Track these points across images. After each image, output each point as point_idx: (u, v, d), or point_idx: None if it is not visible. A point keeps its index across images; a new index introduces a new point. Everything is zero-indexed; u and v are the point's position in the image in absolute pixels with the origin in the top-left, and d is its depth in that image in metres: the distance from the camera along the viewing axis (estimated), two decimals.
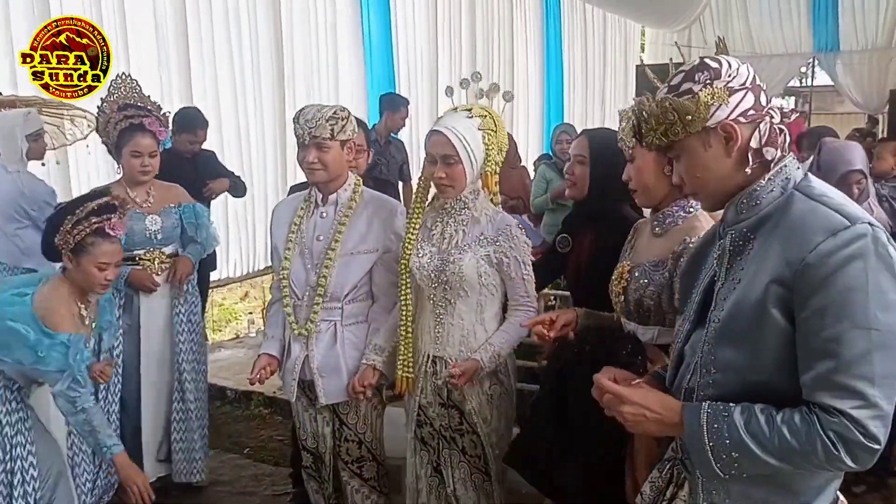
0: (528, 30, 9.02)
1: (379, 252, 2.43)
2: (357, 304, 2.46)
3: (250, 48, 5.75)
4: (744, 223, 1.33)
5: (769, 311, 1.24)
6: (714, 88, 1.28)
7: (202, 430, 3.41)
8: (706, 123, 1.29)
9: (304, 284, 2.44)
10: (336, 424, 2.51)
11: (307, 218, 2.48)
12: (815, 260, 1.20)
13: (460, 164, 2.19)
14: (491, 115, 2.25)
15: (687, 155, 1.35)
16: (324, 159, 2.35)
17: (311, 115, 2.33)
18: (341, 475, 2.54)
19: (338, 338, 2.43)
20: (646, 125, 1.35)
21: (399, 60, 7.08)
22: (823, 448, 1.19)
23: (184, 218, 3.30)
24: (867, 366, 1.18)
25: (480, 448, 2.33)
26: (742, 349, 1.28)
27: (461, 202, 2.27)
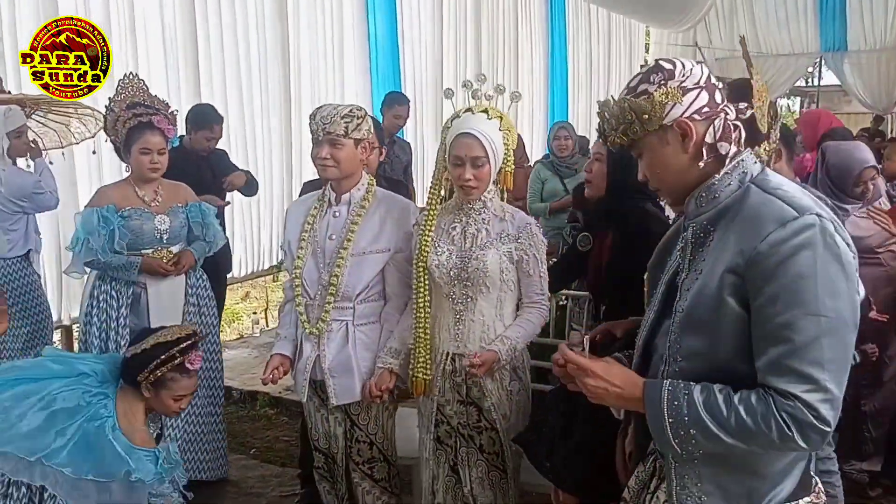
0: (533, 31, 9.01)
1: (391, 252, 2.43)
2: (369, 304, 2.45)
3: (257, 49, 5.75)
4: (703, 216, 1.39)
5: (725, 300, 1.30)
6: (668, 88, 1.35)
7: (214, 430, 3.40)
8: (663, 122, 1.36)
9: (316, 284, 2.44)
10: (348, 425, 2.50)
11: (320, 217, 2.49)
12: (766, 249, 1.26)
13: (487, 165, 2.23)
14: (503, 115, 2.30)
15: (647, 152, 1.42)
16: (336, 156, 2.36)
17: (327, 112, 2.36)
18: (352, 476, 2.53)
19: (349, 338, 2.43)
20: (607, 125, 1.43)
21: (405, 61, 7.08)
22: (777, 428, 1.24)
23: (190, 217, 3.31)
24: (817, 351, 1.24)
25: (499, 445, 2.34)
26: (704, 337, 1.33)
27: (480, 201, 2.31)
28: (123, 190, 3.19)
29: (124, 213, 3.08)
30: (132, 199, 3.15)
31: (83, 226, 3.06)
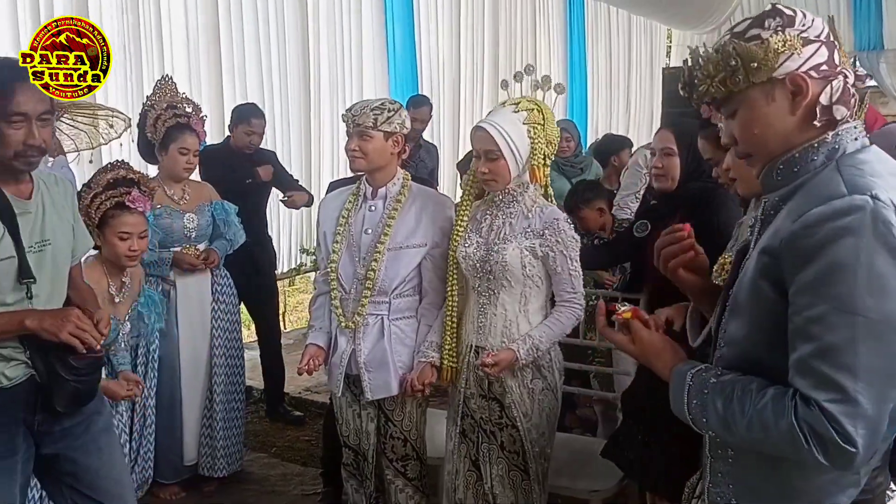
0: (552, 33, 8.98)
1: (427, 247, 2.42)
2: (404, 298, 2.44)
3: (278, 52, 5.81)
4: (778, 192, 1.23)
5: (759, 284, 1.17)
6: (786, 35, 1.17)
7: (232, 428, 3.42)
8: (773, 73, 1.17)
9: (351, 278, 2.43)
10: (381, 421, 2.49)
11: (355, 211, 2.48)
12: (800, 229, 1.11)
13: (502, 159, 2.20)
14: (539, 107, 2.25)
15: (746, 109, 1.22)
16: (364, 148, 2.36)
17: (359, 105, 2.37)
18: (385, 474, 2.52)
19: (385, 332, 2.42)
20: (701, 73, 1.23)
21: (422, 63, 7.09)
22: (791, 436, 1.09)
23: (215, 215, 3.37)
24: (849, 355, 1.07)
25: (520, 444, 2.31)
26: (742, 323, 1.22)
27: (510, 195, 2.28)
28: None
29: (155, 212, 3.12)
30: (162, 198, 3.19)
31: None
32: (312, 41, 6.06)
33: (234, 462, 3.47)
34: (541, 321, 2.30)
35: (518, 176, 2.25)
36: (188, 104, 3.33)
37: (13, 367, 1.90)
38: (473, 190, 2.38)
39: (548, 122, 2.25)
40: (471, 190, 2.38)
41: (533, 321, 2.29)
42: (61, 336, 1.81)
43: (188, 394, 3.28)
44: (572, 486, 2.57)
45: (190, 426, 3.30)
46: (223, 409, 3.36)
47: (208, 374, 3.33)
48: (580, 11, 9.18)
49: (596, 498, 2.54)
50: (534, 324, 2.29)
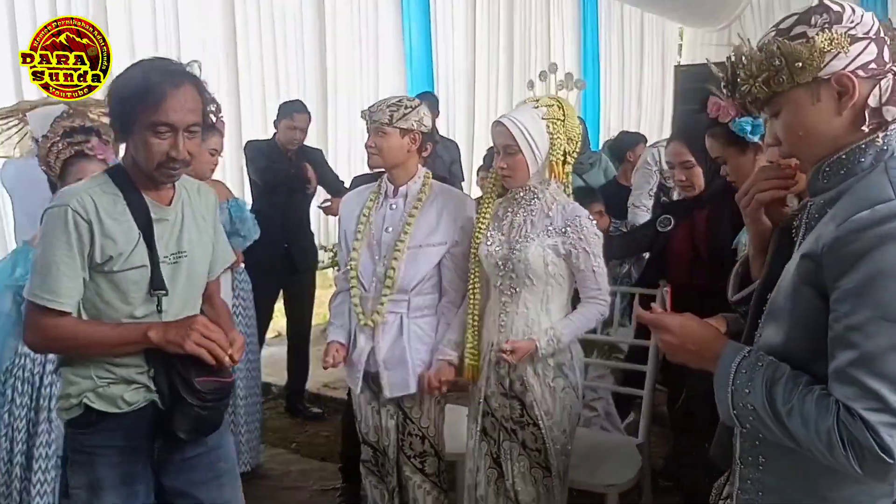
0: (566, 32, 9.00)
1: (448, 245, 2.43)
2: (424, 296, 2.45)
3: (295, 52, 5.87)
4: (823, 195, 1.19)
5: (801, 288, 1.13)
6: (833, 33, 1.11)
7: (252, 423, 3.47)
8: (818, 73, 1.13)
9: (371, 276, 2.44)
10: (400, 418, 2.51)
11: (376, 209, 2.49)
12: (844, 234, 1.07)
13: (520, 154, 2.20)
14: (559, 104, 2.25)
15: (789, 110, 1.18)
16: (379, 144, 2.38)
17: (378, 102, 2.40)
18: (403, 470, 2.54)
19: (404, 330, 2.43)
20: (744, 72, 1.18)
21: (438, 61, 7.14)
22: (829, 439, 1.06)
23: (232, 212, 3.39)
24: (890, 364, 1.04)
25: (541, 442, 2.31)
26: (779, 329, 1.18)
27: (530, 192, 2.29)
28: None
29: None
30: None
31: None
32: (330, 41, 6.11)
33: (256, 457, 3.52)
34: (563, 317, 2.30)
35: (537, 172, 2.25)
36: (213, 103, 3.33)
37: (133, 392, 1.80)
38: (496, 187, 2.38)
39: (568, 118, 2.24)
40: (493, 187, 2.38)
41: (555, 319, 2.28)
42: (186, 346, 1.71)
43: None
44: (589, 479, 2.58)
45: None
46: (244, 403, 3.40)
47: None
48: (594, 9, 9.21)
49: (612, 491, 2.56)
50: (555, 321, 2.28)
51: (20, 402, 2.60)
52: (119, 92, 1.73)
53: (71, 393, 1.80)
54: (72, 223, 1.70)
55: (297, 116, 4.11)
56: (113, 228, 1.73)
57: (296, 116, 4.10)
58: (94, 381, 1.78)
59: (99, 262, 1.73)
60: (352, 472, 3.17)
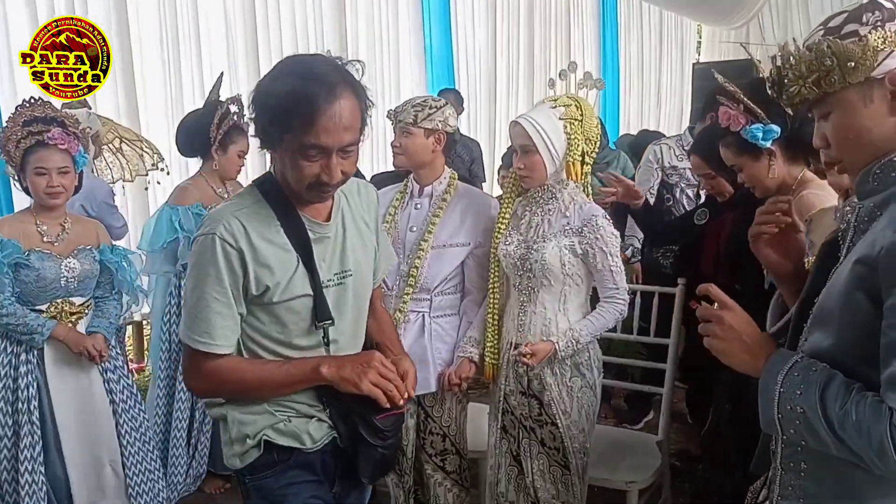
0: (585, 31, 9.01)
1: (471, 246, 2.45)
2: (446, 296, 2.48)
3: (315, 49, 5.88)
4: (873, 198, 1.15)
5: (853, 294, 1.10)
6: (886, 31, 1.07)
7: None
8: (872, 73, 1.09)
9: (394, 274, 2.45)
10: (421, 417, 2.53)
11: (402, 209, 2.51)
12: None
13: (537, 154, 2.21)
14: (578, 103, 2.25)
15: (840, 111, 1.14)
16: (404, 143, 2.40)
17: (403, 103, 2.42)
18: (424, 468, 2.56)
19: (425, 329, 2.45)
20: (793, 73, 1.15)
21: (458, 60, 7.17)
22: (881, 446, 1.03)
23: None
24: None
25: (559, 441, 2.32)
26: (828, 334, 1.15)
27: (548, 192, 2.30)
28: (202, 188, 3.25)
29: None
30: (212, 196, 3.22)
31: (184, 224, 3.12)
32: (351, 39, 6.16)
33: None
34: (581, 317, 2.31)
35: (555, 172, 2.25)
36: (237, 104, 3.29)
37: (317, 426, 1.63)
38: (515, 187, 2.39)
39: (586, 118, 2.23)
40: (513, 187, 2.39)
41: (572, 319, 2.29)
42: (362, 387, 1.53)
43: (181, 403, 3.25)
44: (610, 477, 2.60)
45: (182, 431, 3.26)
46: None
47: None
48: (613, 8, 9.22)
49: (633, 488, 2.57)
50: (573, 322, 2.29)
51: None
52: (263, 100, 1.48)
53: (247, 434, 1.60)
54: (220, 254, 1.49)
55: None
56: (268, 254, 1.53)
57: None
58: (274, 416, 1.61)
59: (255, 294, 1.53)
60: None
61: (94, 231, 2.74)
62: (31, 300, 2.58)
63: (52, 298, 2.60)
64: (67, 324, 2.63)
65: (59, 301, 2.62)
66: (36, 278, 2.53)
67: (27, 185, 2.56)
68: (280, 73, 1.49)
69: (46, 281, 2.55)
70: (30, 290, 2.55)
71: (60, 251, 2.59)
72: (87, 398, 2.68)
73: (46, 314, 2.60)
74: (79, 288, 2.64)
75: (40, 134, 2.49)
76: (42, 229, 2.58)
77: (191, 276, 1.55)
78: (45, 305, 2.59)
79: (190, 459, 3.24)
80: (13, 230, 2.54)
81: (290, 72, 1.48)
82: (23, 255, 2.50)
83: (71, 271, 2.60)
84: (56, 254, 2.58)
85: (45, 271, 2.54)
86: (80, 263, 2.62)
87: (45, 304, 2.59)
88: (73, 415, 2.66)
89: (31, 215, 2.61)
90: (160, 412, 3.26)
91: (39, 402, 2.59)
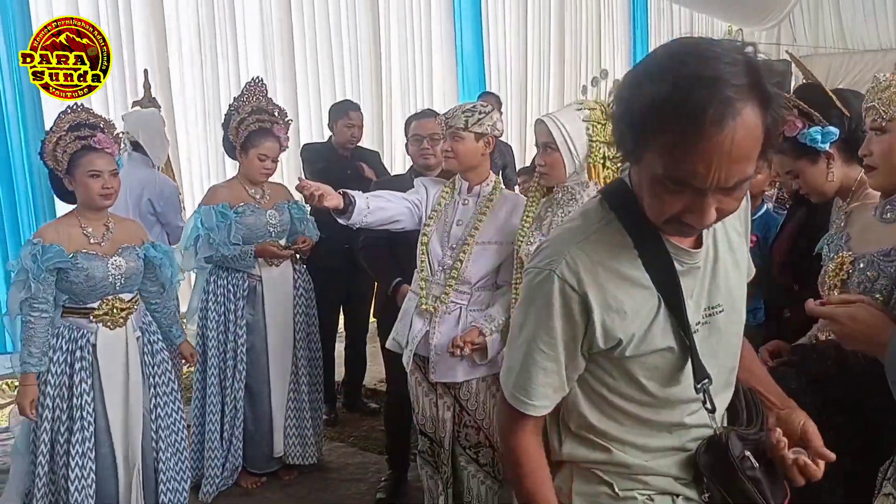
0: (616, 32, 9.03)
1: (512, 246, 2.51)
2: (484, 291, 2.56)
3: (349, 53, 6.06)
4: None
5: None
6: None
7: (317, 418, 3.57)
8: None
9: (439, 262, 2.55)
10: (457, 410, 2.60)
11: (451, 203, 2.60)
12: None
13: (557, 152, 2.25)
14: (603, 108, 2.29)
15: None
16: (455, 148, 2.48)
17: (453, 108, 2.50)
18: (458, 460, 2.63)
19: (460, 321, 2.53)
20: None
21: (490, 63, 7.26)
22: None
23: (292, 213, 3.47)
24: None
25: None
26: None
27: (569, 193, 2.33)
28: (232, 188, 3.33)
29: (238, 209, 3.22)
30: (243, 196, 3.29)
31: (204, 222, 3.20)
32: (384, 43, 6.30)
33: (320, 449, 3.61)
34: None
35: (575, 173, 2.29)
36: (274, 108, 3.36)
37: None
38: (540, 188, 2.44)
39: (605, 122, 2.25)
40: (537, 188, 2.44)
41: None
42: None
43: (276, 385, 3.39)
44: None
45: (278, 417, 3.40)
46: (310, 399, 3.49)
47: (294, 365, 3.43)
48: (643, 11, 9.21)
49: None
50: None
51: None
52: (629, 95, 1.07)
53: None
54: (558, 297, 1.17)
55: (353, 114, 4.16)
56: (620, 296, 1.17)
57: (351, 114, 4.15)
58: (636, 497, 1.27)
59: (603, 349, 1.19)
60: (396, 463, 3.33)
61: (135, 230, 2.84)
62: (83, 299, 2.67)
63: (103, 296, 2.68)
64: (119, 319, 2.72)
65: (109, 298, 2.70)
66: (85, 278, 2.61)
67: (73, 189, 2.64)
68: (657, 65, 1.04)
69: (95, 280, 2.64)
70: (80, 290, 2.64)
71: (106, 251, 2.67)
72: (130, 398, 2.77)
73: (98, 311, 2.69)
74: (126, 284, 2.73)
75: (86, 139, 2.59)
76: (87, 231, 2.66)
77: (520, 311, 1.24)
78: (97, 303, 2.68)
79: (226, 453, 3.33)
80: (58, 235, 2.62)
81: (670, 65, 1.02)
82: (68, 258, 2.58)
83: (118, 269, 2.68)
84: (102, 254, 2.66)
85: (94, 271, 2.62)
86: (125, 261, 2.70)
87: (96, 302, 2.68)
88: (120, 413, 2.75)
89: (74, 218, 2.68)
90: (196, 407, 3.37)
91: (92, 400, 2.69)
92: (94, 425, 2.68)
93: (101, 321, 2.69)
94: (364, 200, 2.44)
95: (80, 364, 2.66)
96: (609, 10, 8.90)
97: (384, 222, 2.52)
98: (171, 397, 2.90)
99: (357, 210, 2.40)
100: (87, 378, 2.67)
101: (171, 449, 2.89)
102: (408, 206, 2.56)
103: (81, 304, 2.68)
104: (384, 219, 2.50)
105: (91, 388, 2.68)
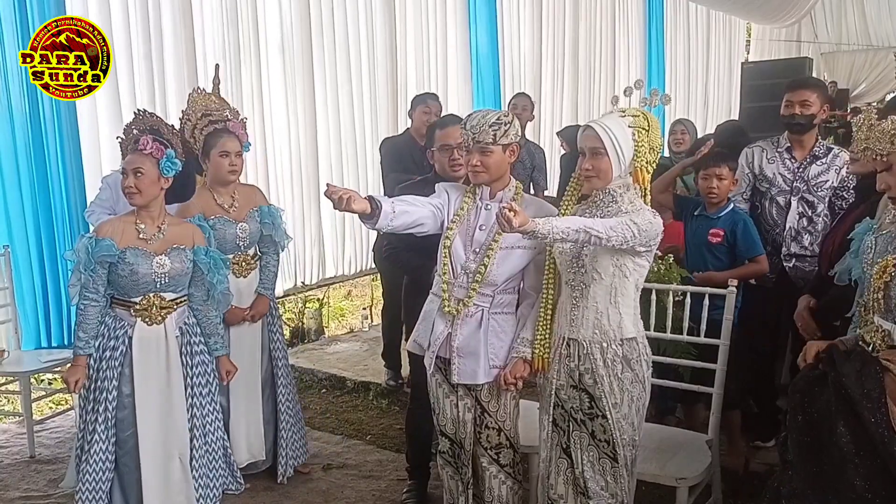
0: (631, 31, 9.00)
1: (536, 251, 2.55)
2: (507, 294, 2.58)
3: (367, 56, 6.12)
4: None
5: None
6: None
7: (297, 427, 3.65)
8: None
9: (462, 264, 2.57)
10: (478, 412, 2.63)
11: (473, 208, 2.61)
12: None
13: (606, 157, 2.31)
14: (644, 115, 2.35)
15: None
16: (486, 162, 2.50)
17: (476, 121, 2.48)
18: (479, 461, 2.66)
19: (483, 324, 2.55)
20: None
21: (504, 65, 7.27)
22: None
23: (262, 219, 3.38)
24: None
25: (609, 433, 2.39)
26: None
27: (609, 195, 2.37)
28: (201, 197, 3.28)
29: (209, 222, 3.13)
30: (214, 208, 3.24)
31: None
32: (400, 44, 6.35)
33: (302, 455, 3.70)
34: (632, 312, 2.40)
35: (619, 177, 2.35)
36: (225, 108, 3.32)
37: None
38: (577, 192, 2.48)
39: (652, 129, 2.33)
40: (574, 192, 2.48)
41: (623, 312, 2.37)
42: None
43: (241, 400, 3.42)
44: (660, 472, 2.66)
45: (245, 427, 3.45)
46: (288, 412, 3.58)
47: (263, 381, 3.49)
48: (659, 9, 9.20)
49: (683, 485, 2.62)
50: (624, 315, 2.37)
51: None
52: None
53: None
54: None
55: (432, 103, 4.46)
56: None
57: (430, 103, 4.45)
58: None
59: None
60: (417, 472, 3.35)
61: (189, 233, 2.92)
62: (127, 293, 2.81)
63: (145, 292, 2.82)
64: (157, 317, 2.84)
65: (150, 295, 2.83)
66: (130, 273, 2.75)
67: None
68: None
69: (139, 276, 2.77)
70: (125, 283, 2.78)
71: (155, 249, 2.80)
72: (166, 391, 2.87)
73: (139, 306, 2.82)
74: (169, 284, 2.84)
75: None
76: (140, 227, 2.80)
77: None
78: (139, 298, 2.82)
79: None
80: (113, 230, 2.78)
81: None
82: (116, 252, 2.73)
83: (161, 267, 2.80)
84: (150, 251, 2.79)
85: (139, 266, 2.76)
86: (170, 261, 2.81)
87: (138, 297, 2.82)
88: (153, 407, 2.85)
89: (132, 216, 2.83)
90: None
91: (119, 392, 2.82)
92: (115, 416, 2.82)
93: (141, 316, 2.83)
94: (390, 205, 2.46)
95: (111, 353, 2.81)
96: (624, 8, 8.88)
97: (409, 226, 2.54)
98: (207, 399, 3.00)
99: (383, 214, 2.42)
100: (117, 366, 2.81)
101: (203, 448, 2.98)
102: (432, 210, 2.59)
103: (126, 298, 2.83)
104: (409, 223, 2.53)
105: (117, 375, 2.81)
